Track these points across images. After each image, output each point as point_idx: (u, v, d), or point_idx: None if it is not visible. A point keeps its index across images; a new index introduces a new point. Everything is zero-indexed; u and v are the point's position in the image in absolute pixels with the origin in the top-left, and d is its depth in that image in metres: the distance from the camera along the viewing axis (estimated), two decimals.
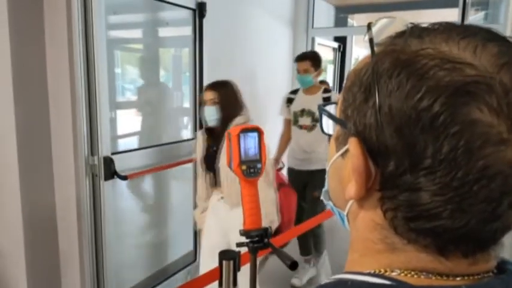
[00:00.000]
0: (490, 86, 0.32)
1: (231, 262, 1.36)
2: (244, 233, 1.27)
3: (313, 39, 5.24)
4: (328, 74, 6.22)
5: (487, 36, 0.35)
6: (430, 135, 0.33)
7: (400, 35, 0.38)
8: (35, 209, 2.15)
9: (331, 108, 0.45)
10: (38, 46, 2.12)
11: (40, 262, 2.21)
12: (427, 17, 5.68)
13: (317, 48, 5.34)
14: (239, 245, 1.29)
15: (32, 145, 2.12)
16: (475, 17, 3.94)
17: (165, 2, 2.75)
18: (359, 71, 0.39)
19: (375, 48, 0.38)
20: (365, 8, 6.21)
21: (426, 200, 0.34)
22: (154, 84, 3.13)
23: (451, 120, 0.32)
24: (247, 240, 1.27)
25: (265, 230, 1.26)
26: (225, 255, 1.38)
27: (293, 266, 1.16)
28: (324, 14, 5.75)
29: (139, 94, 3.06)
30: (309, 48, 5.24)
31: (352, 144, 0.37)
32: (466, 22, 3.22)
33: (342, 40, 6.17)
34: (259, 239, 1.25)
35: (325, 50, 5.90)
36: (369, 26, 0.40)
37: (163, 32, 3.17)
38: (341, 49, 6.25)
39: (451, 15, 4.38)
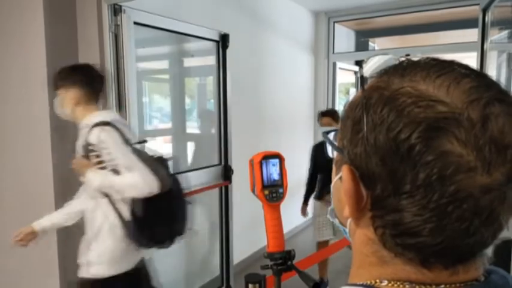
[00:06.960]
0: (458, 121, 0.36)
1: (257, 285, 1.39)
2: (268, 255, 1.31)
3: (334, 64, 5.31)
4: (351, 97, 6.25)
5: (463, 72, 0.40)
6: (408, 164, 0.37)
7: (387, 71, 0.43)
8: (69, 243, 2.25)
9: (334, 135, 0.50)
10: None
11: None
12: (447, 38, 5.64)
13: (338, 73, 5.39)
14: (263, 267, 1.33)
15: (67, 178, 2.24)
16: (498, 36, 3.86)
17: (191, 35, 2.89)
18: (353, 105, 0.44)
19: (368, 82, 0.43)
20: (385, 32, 6.24)
21: (408, 220, 0.39)
22: (181, 111, 3.25)
23: (425, 151, 0.37)
24: (271, 263, 1.30)
25: (289, 252, 1.29)
26: (251, 278, 1.42)
27: (316, 287, 1.19)
28: (344, 39, 5.81)
29: (166, 122, 3.19)
30: (331, 73, 5.30)
31: (344, 170, 0.42)
32: (487, 42, 3.20)
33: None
34: (282, 261, 1.28)
35: (347, 73, 5.95)
36: (361, 64, 0.45)
37: (189, 62, 3.32)
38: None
39: (471, 34, 4.34)
